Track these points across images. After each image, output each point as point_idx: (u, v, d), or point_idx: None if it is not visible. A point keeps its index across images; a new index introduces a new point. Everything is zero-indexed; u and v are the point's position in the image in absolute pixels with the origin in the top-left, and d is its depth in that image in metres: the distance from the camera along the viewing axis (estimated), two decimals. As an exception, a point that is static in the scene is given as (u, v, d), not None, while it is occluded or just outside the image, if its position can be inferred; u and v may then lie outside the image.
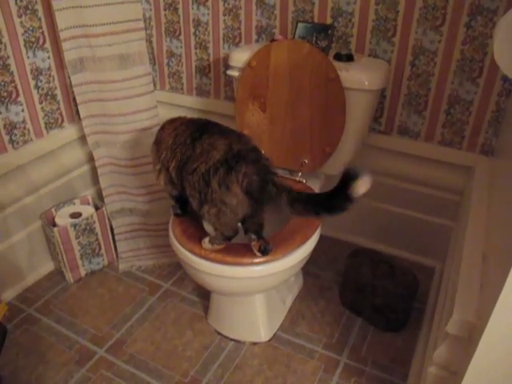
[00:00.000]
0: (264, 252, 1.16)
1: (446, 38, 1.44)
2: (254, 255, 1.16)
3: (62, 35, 1.41)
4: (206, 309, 1.57)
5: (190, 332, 1.51)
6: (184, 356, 1.43)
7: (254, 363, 1.41)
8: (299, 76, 1.39)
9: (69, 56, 1.44)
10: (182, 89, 1.99)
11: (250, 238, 1.17)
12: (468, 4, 1.37)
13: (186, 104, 2.00)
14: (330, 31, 1.44)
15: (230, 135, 1.15)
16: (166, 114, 2.07)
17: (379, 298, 1.47)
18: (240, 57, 1.50)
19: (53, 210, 1.67)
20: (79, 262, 1.66)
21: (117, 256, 1.80)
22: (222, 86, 1.89)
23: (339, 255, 1.81)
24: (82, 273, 1.69)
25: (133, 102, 1.55)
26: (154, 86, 2.04)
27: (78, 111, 1.58)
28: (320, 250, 1.87)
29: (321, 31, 1.44)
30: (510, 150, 1.18)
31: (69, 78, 1.51)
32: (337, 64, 1.39)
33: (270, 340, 1.48)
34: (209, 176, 1.09)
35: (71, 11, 1.36)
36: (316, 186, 1.52)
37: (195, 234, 1.23)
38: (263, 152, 1.14)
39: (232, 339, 1.48)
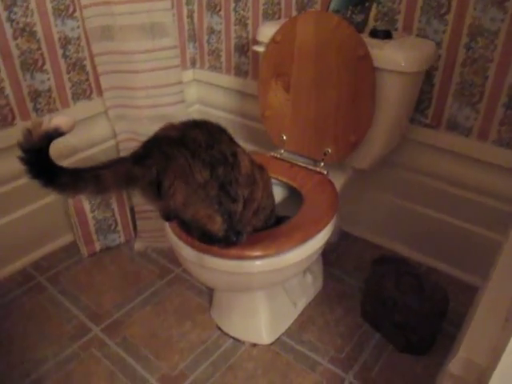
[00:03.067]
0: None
1: (511, 15, 1.20)
2: (243, 249, 1.04)
3: (84, 1, 1.37)
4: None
5: (190, 323, 1.42)
6: (177, 347, 1.34)
7: (248, 366, 1.29)
8: (326, 52, 1.23)
9: (89, 24, 1.40)
10: (220, 68, 1.90)
11: None
12: (541, -27, 1.13)
13: (224, 84, 1.91)
14: (367, 4, 1.26)
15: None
16: (205, 93, 2.01)
17: (400, 314, 1.28)
18: (268, 31, 1.36)
19: (74, 181, 1.65)
20: (94, 236, 1.63)
21: (135, 235, 1.75)
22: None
23: (370, 260, 1.62)
24: (97, 248, 1.67)
25: (155, 75, 1.48)
26: (194, 64, 1.97)
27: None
28: (350, 252, 1.70)
29: (357, 4, 1.26)
30: None
31: (96, 47, 1.48)
32: (370, 41, 1.21)
33: (271, 343, 1.35)
34: None
35: (91, -24, 1.32)
36: (339, 181, 1.36)
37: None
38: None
39: (231, 337, 1.37)
